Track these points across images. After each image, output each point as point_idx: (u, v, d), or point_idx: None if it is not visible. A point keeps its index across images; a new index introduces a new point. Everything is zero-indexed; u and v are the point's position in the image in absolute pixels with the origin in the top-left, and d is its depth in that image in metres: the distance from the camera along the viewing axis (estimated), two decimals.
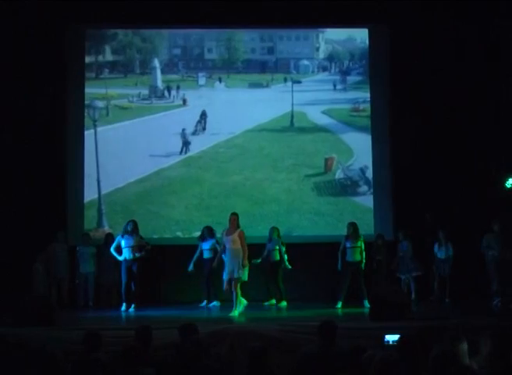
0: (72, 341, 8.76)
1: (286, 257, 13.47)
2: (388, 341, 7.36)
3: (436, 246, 13.64)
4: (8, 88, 14.09)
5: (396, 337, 7.01)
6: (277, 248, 13.48)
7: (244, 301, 12.22)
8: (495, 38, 14.37)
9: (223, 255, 12.26)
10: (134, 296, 12.95)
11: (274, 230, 13.54)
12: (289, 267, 13.47)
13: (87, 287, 13.61)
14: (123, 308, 12.87)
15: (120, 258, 12.97)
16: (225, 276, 11.95)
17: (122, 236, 13.01)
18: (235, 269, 11.89)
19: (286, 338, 9.58)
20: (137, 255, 12.92)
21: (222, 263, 12.46)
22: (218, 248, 12.93)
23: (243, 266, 11.88)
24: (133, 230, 13.00)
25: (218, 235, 13.20)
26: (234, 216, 12.21)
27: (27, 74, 14.09)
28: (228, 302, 12.34)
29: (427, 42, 14.57)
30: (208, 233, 13.41)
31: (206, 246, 13.41)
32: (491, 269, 13.18)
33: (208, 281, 13.35)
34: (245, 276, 11.95)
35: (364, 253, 13.17)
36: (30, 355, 5.46)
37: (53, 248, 13.54)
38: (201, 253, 13.44)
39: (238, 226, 12.06)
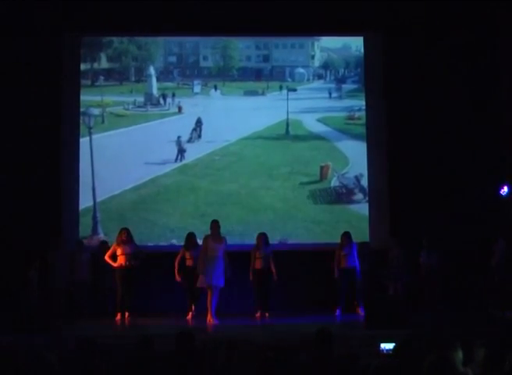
0: (67, 349, 8.74)
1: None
2: (383, 350, 7.35)
3: (423, 254, 13.63)
4: (4, 95, 14.10)
5: (391, 345, 7.00)
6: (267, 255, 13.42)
7: None
8: (492, 46, 14.42)
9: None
10: (130, 304, 12.98)
11: (265, 236, 13.49)
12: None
13: (83, 294, 13.57)
14: (118, 317, 12.91)
15: (115, 265, 13.00)
16: (212, 282, 12.13)
17: (118, 244, 13.04)
18: (221, 276, 12.13)
19: (281, 346, 9.56)
20: (133, 263, 12.95)
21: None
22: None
23: None
24: (128, 238, 13.04)
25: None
26: (218, 223, 12.49)
27: (23, 81, 14.09)
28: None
29: (422, 50, 14.60)
30: (193, 240, 13.32)
31: (191, 254, 13.22)
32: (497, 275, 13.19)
33: (196, 291, 13.10)
34: None
35: (358, 260, 13.28)
36: (26, 361, 5.46)
37: (50, 256, 13.50)
38: (183, 261, 13.26)
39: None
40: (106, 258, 13.11)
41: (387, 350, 7.33)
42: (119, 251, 13.00)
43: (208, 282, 12.28)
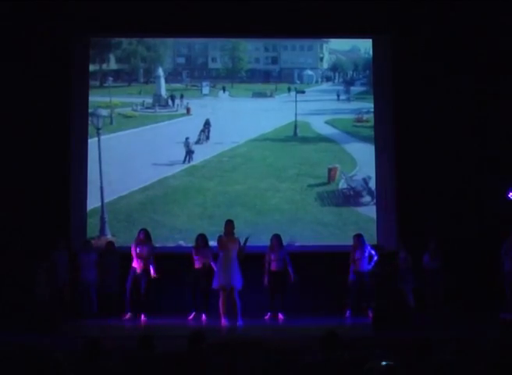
0: (73, 349, 8.76)
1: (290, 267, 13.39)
2: None
3: (427, 257, 13.60)
4: (13, 95, 14.13)
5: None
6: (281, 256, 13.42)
7: None
8: (499, 47, 14.40)
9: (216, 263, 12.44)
10: (143, 305, 13.06)
11: (278, 237, 13.50)
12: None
13: (90, 294, 13.59)
14: (128, 316, 12.93)
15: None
16: (230, 284, 12.05)
17: (136, 245, 13.06)
18: (239, 278, 12.04)
19: (288, 348, 9.57)
20: (148, 264, 12.98)
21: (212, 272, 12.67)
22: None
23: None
24: (145, 238, 13.06)
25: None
26: (233, 223, 12.34)
27: (32, 82, 14.13)
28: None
29: (430, 53, 14.59)
30: (203, 241, 13.30)
31: (199, 255, 13.24)
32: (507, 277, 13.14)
33: (203, 292, 13.15)
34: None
35: (374, 257, 13.36)
36: (36, 360, 5.49)
37: (54, 256, 13.53)
38: (192, 263, 13.26)
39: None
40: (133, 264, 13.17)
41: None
42: (136, 252, 13.06)
43: (222, 283, 12.18)
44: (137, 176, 14.74)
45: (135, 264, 13.08)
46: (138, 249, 13.04)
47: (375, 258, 13.37)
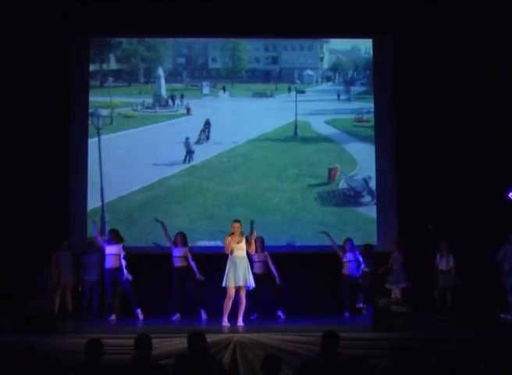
0: (74, 349, 8.77)
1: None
2: None
3: (438, 257, 13.63)
4: (13, 96, 14.12)
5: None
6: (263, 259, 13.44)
7: None
8: (499, 47, 14.40)
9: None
10: (134, 303, 12.99)
11: (261, 240, 13.39)
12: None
13: (93, 294, 13.58)
14: (111, 317, 12.80)
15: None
16: (241, 283, 11.79)
17: (107, 243, 13.01)
18: (245, 276, 11.85)
19: (288, 348, 9.58)
20: (118, 264, 12.93)
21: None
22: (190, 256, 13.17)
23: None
24: (112, 238, 12.98)
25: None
26: (239, 224, 12.17)
27: (31, 81, 14.13)
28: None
29: (430, 53, 14.60)
30: (181, 239, 13.31)
31: (177, 253, 13.27)
32: (507, 280, 13.14)
33: (193, 291, 13.21)
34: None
35: (362, 265, 13.49)
36: (38, 362, 5.49)
37: (57, 256, 13.54)
38: (172, 261, 13.29)
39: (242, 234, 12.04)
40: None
41: None
42: (106, 251, 12.94)
43: (237, 284, 11.90)
44: (137, 176, 14.73)
45: (107, 265, 12.93)
46: (108, 248, 12.96)
47: (362, 266, 13.47)
